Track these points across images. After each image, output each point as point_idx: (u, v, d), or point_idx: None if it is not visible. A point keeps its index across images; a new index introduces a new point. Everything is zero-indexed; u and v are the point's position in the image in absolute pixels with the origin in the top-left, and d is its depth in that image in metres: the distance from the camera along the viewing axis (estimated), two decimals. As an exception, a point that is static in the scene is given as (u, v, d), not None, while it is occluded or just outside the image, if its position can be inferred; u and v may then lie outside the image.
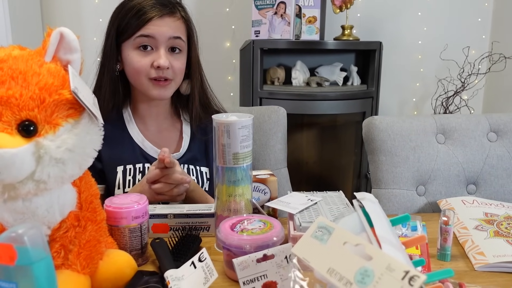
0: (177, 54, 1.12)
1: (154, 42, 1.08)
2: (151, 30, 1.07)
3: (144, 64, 1.08)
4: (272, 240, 0.75)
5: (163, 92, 1.12)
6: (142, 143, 1.16)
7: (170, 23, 1.10)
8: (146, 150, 1.15)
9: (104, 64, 1.14)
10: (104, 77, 1.13)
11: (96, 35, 2.57)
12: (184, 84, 1.19)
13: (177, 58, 1.11)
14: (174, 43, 1.10)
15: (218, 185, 0.89)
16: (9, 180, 0.56)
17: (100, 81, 1.14)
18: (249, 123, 0.86)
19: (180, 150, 1.18)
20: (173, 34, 1.09)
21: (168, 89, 1.12)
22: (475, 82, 2.52)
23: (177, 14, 1.12)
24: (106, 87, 1.13)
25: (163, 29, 1.08)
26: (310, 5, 2.20)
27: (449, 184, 1.26)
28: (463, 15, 2.58)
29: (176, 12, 1.12)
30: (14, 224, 0.61)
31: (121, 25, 1.10)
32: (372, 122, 1.27)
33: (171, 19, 1.10)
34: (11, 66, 0.58)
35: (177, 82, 1.14)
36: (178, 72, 1.12)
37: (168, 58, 1.09)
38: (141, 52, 1.09)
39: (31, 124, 0.58)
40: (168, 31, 1.08)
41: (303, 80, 2.24)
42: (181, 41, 1.11)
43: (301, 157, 2.47)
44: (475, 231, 0.93)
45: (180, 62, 1.12)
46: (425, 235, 0.67)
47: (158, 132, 1.19)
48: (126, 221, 0.80)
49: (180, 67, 1.12)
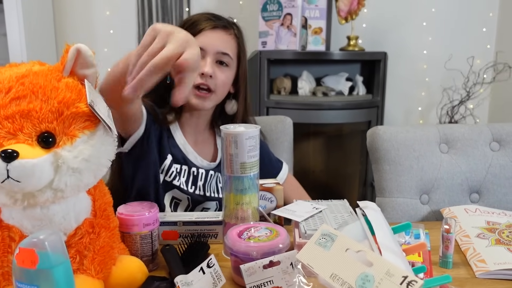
0: (223, 67, 1.13)
1: (203, 53, 1.10)
2: (201, 41, 1.10)
3: None
4: (278, 247, 0.77)
5: (201, 103, 1.13)
6: (184, 146, 1.18)
7: (221, 37, 1.13)
8: (187, 154, 1.17)
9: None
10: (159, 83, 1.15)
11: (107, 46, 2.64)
12: (230, 104, 1.21)
13: (223, 71, 1.13)
14: (222, 57, 1.13)
15: (226, 194, 0.91)
16: (29, 188, 0.60)
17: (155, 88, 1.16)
18: (256, 134, 0.89)
19: (216, 160, 1.22)
20: (222, 49, 1.12)
21: (207, 100, 1.13)
22: (480, 91, 2.54)
23: (230, 31, 1.15)
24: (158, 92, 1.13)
25: (213, 41, 1.11)
26: (316, 16, 2.24)
27: (453, 193, 1.28)
28: (468, 25, 2.61)
29: (229, 28, 1.15)
30: (33, 231, 0.65)
31: None
32: (376, 132, 1.29)
33: (223, 32, 1.13)
34: (32, 81, 0.62)
35: (218, 95, 1.15)
36: (221, 84, 1.13)
37: (214, 68, 1.11)
38: None
39: (50, 136, 0.61)
40: (217, 45, 1.11)
41: (309, 90, 2.27)
42: (229, 57, 1.13)
43: (308, 165, 2.50)
44: (476, 239, 0.95)
45: (224, 75, 1.14)
46: (425, 242, 0.69)
47: (195, 144, 1.21)
48: (138, 228, 0.83)
49: (224, 79, 1.13)
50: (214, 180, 1.21)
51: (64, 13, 2.61)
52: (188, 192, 1.16)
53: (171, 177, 1.13)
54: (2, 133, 0.58)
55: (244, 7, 2.54)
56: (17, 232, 0.65)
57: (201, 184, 1.18)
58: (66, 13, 2.61)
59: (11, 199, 0.60)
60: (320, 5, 2.24)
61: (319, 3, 2.24)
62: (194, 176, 1.18)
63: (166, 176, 1.13)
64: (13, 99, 0.59)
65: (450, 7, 2.59)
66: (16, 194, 0.59)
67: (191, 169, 1.18)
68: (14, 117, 0.59)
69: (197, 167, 1.19)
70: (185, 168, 1.17)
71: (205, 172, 1.19)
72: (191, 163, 1.18)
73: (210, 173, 1.20)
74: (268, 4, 2.16)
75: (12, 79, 0.61)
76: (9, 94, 0.59)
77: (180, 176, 1.15)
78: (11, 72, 0.63)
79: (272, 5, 2.16)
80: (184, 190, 1.15)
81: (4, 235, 0.65)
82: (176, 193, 1.15)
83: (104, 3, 2.58)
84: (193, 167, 1.18)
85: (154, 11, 2.58)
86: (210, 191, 1.20)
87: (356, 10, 2.30)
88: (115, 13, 2.60)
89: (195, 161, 1.19)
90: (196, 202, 1.18)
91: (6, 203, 0.60)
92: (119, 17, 2.60)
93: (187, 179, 1.17)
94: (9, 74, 0.62)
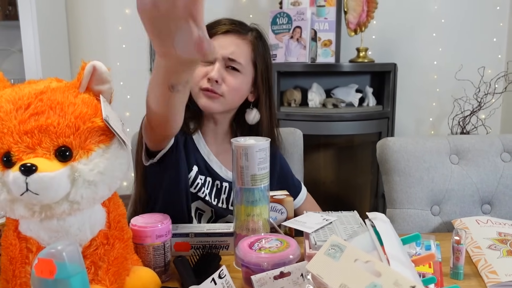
0: (234, 72, 1.11)
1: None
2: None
3: (198, 73, 1.10)
4: (289, 258, 0.78)
5: (209, 104, 1.10)
6: (208, 156, 1.18)
7: (232, 41, 1.11)
8: (211, 164, 1.17)
9: None
10: None
11: (120, 60, 2.68)
12: (252, 113, 1.18)
13: (233, 75, 1.11)
14: (231, 63, 1.10)
15: (237, 205, 0.93)
16: (47, 201, 0.62)
17: None
18: (266, 146, 0.91)
19: None
20: (229, 55, 1.09)
21: (215, 102, 1.11)
22: (492, 102, 2.53)
23: (244, 36, 1.13)
24: None
25: (223, 45, 1.09)
26: (325, 29, 2.26)
27: (464, 204, 1.27)
28: (478, 36, 2.61)
29: (244, 33, 1.13)
30: (50, 242, 0.67)
31: None
32: (386, 143, 1.30)
33: (236, 37, 1.11)
34: (50, 97, 0.64)
35: (228, 100, 1.12)
36: (231, 89, 1.10)
37: (223, 73, 1.09)
38: (202, 64, 1.10)
39: (67, 150, 0.63)
40: (226, 50, 1.09)
41: (319, 102, 2.28)
42: (238, 63, 1.10)
43: (318, 177, 2.50)
44: (488, 250, 0.95)
45: (235, 80, 1.11)
46: (434, 253, 0.69)
47: (218, 153, 1.20)
48: (151, 240, 0.85)
49: (234, 84, 1.10)
50: None
51: (78, 28, 2.67)
52: (212, 204, 1.15)
53: (196, 189, 1.13)
54: (21, 148, 0.61)
55: (254, 20, 2.54)
56: (34, 244, 0.67)
57: (225, 197, 1.18)
58: (80, 28, 2.67)
59: (30, 211, 0.62)
60: (329, 17, 2.27)
61: (328, 16, 2.26)
62: (218, 189, 1.17)
63: (191, 187, 1.13)
64: (32, 114, 0.62)
65: (459, 18, 2.59)
66: (34, 207, 0.62)
67: (215, 181, 1.17)
68: (33, 132, 0.61)
69: (221, 179, 1.18)
70: (209, 179, 1.17)
71: (229, 185, 1.18)
72: (215, 174, 1.17)
73: None
74: (278, 18, 2.19)
75: (31, 96, 0.63)
76: (28, 110, 0.62)
77: (204, 187, 1.15)
78: (30, 88, 0.65)
79: (281, 19, 2.19)
80: (208, 202, 1.15)
81: (22, 246, 0.67)
82: (200, 204, 1.15)
83: (116, 18, 2.64)
84: (217, 180, 1.17)
85: (166, 26, 2.63)
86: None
87: (365, 22, 2.32)
88: (127, 28, 2.65)
89: (220, 171, 1.18)
90: (220, 216, 1.17)
91: (25, 215, 0.62)
92: (131, 32, 2.65)
93: (211, 190, 1.17)
94: (28, 90, 0.64)
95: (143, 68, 2.67)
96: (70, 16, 2.64)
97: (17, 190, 0.59)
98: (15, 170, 0.59)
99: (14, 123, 0.61)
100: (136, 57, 2.66)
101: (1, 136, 0.61)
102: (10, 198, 0.61)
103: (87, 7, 2.64)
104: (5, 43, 2.55)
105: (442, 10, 2.60)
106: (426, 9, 2.60)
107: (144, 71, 2.68)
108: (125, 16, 2.64)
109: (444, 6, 2.59)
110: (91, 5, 2.64)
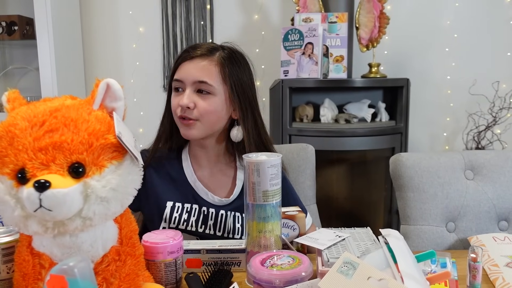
0: (205, 95, 1.11)
1: (183, 85, 1.12)
2: (179, 74, 1.12)
3: (174, 104, 1.13)
4: (301, 275, 0.77)
5: (188, 131, 1.12)
6: (194, 183, 1.17)
7: (197, 66, 1.11)
8: (197, 191, 1.17)
9: (166, 106, 1.20)
10: (165, 118, 1.20)
11: (133, 77, 2.73)
12: (234, 130, 1.17)
13: (205, 99, 1.11)
14: (200, 86, 1.11)
15: (249, 222, 0.92)
16: (60, 217, 0.62)
17: (163, 121, 1.21)
18: (278, 162, 0.91)
19: (230, 196, 1.18)
20: (198, 78, 1.10)
21: (193, 128, 1.12)
22: (507, 116, 2.50)
23: (210, 57, 1.13)
24: (166, 127, 1.19)
25: (189, 72, 1.11)
26: (337, 44, 2.27)
27: (480, 220, 1.25)
28: (492, 50, 2.59)
29: (209, 55, 1.13)
30: (62, 258, 0.67)
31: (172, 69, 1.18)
32: (399, 159, 1.29)
33: (201, 60, 1.12)
34: (64, 114, 0.65)
35: (205, 123, 1.12)
36: (204, 113, 1.11)
37: (194, 98, 1.10)
38: (175, 93, 1.14)
39: (80, 166, 0.64)
40: (192, 75, 1.11)
41: (332, 117, 2.28)
42: (207, 85, 1.10)
43: (331, 193, 2.48)
44: (506, 268, 0.93)
45: (207, 103, 1.11)
46: (449, 271, 0.68)
47: (210, 176, 1.20)
48: (162, 256, 0.85)
49: (206, 108, 1.10)
50: (229, 220, 1.17)
51: (93, 46, 2.72)
52: (197, 233, 1.14)
53: (175, 223, 1.14)
54: (36, 164, 0.62)
55: (266, 37, 2.59)
56: (47, 260, 0.67)
57: (211, 224, 1.16)
58: (95, 46, 2.72)
59: (43, 228, 0.62)
60: (341, 33, 2.27)
61: (340, 32, 2.27)
62: (204, 215, 1.16)
63: (170, 223, 1.14)
64: (46, 131, 0.63)
65: (472, 33, 2.58)
66: (48, 223, 0.62)
67: (202, 208, 1.16)
68: (47, 148, 0.62)
69: (208, 205, 1.17)
70: (196, 206, 1.16)
71: (215, 211, 1.16)
72: (201, 201, 1.16)
73: (221, 212, 1.16)
74: (290, 34, 2.21)
75: (46, 113, 0.64)
76: (43, 127, 0.63)
77: (191, 215, 1.15)
78: (45, 106, 0.66)
79: (293, 35, 2.20)
80: (192, 232, 1.14)
81: (35, 262, 0.68)
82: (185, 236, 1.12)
83: (131, 36, 2.68)
84: (204, 206, 1.16)
85: (178, 43, 2.67)
86: (222, 230, 1.16)
87: (377, 38, 2.33)
88: (141, 45, 2.69)
89: (206, 197, 1.17)
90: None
91: (38, 231, 0.63)
92: (145, 49, 2.69)
93: (198, 217, 1.15)
94: (43, 108, 0.65)
95: (156, 85, 2.71)
96: (85, 35, 2.70)
97: (30, 206, 0.59)
98: (29, 186, 0.59)
99: (29, 140, 0.62)
100: (149, 75, 2.70)
101: (16, 153, 0.62)
102: (24, 214, 0.62)
103: (102, 26, 2.69)
104: (22, 61, 2.61)
105: (455, 25, 2.59)
106: (438, 24, 2.60)
107: (158, 88, 2.71)
108: (139, 34, 2.68)
109: (457, 21, 2.59)
110: (106, 24, 2.69)
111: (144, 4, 2.66)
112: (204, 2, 2.63)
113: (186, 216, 1.14)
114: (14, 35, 2.41)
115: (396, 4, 2.56)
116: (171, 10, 2.64)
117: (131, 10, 2.66)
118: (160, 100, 2.83)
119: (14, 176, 0.62)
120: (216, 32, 2.64)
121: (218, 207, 1.17)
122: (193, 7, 2.64)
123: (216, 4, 2.64)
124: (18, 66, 2.62)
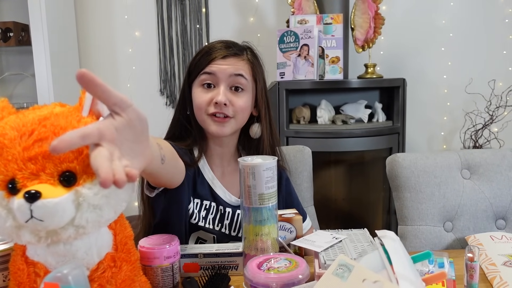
0: (239, 93, 1.12)
1: (216, 80, 1.10)
2: (213, 68, 1.11)
3: (204, 100, 1.11)
4: (298, 278, 0.77)
5: (220, 129, 1.11)
6: (212, 181, 1.18)
7: (232, 63, 1.12)
8: (215, 189, 1.17)
9: (179, 104, 1.19)
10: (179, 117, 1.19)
11: (130, 81, 2.73)
12: (255, 128, 1.19)
13: (240, 96, 1.12)
14: (236, 80, 1.11)
15: (245, 225, 0.92)
16: (52, 226, 0.61)
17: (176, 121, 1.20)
18: (273, 165, 0.90)
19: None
20: (234, 71, 1.10)
21: (226, 126, 1.11)
22: (504, 114, 2.50)
23: (242, 56, 1.14)
24: (181, 126, 1.18)
25: (224, 67, 1.11)
26: (333, 46, 2.27)
27: (477, 219, 1.25)
28: (487, 49, 2.60)
29: (241, 54, 1.14)
30: (57, 266, 0.66)
31: (192, 65, 1.16)
32: (395, 160, 1.29)
33: (235, 59, 1.13)
34: (53, 123, 0.64)
35: (238, 120, 1.13)
36: (239, 110, 1.11)
37: (229, 95, 1.10)
38: (204, 89, 1.12)
39: (71, 175, 0.63)
40: (229, 69, 1.10)
41: (329, 118, 2.28)
42: (243, 78, 1.11)
43: (329, 194, 2.48)
44: (503, 267, 0.93)
45: (242, 100, 1.12)
46: (445, 272, 0.68)
47: (224, 175, 1.21)
48: (159, 261, 0.84)
49: (241, 105, 1.11)
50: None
51: (88, 51, 2.72)
52: (214, 231, 1.15)
53: (196, 219, 1.13)
54: (25, 174, 0.61)
55: (262, 39, 2.59)
56: (42, 268, 0.67)
57: (227, 223, 1.17)
58: (91, 51, 2.72)
59: (35, 237, 0.62)
60: (337, 35, 2.28)
61: (336, 33, 2.28)
62: (221, 214, 1.16)
63: (191, 218, 1.13)
64: (36, 141, 0.62)
65: (467, 32, 2.59)
66: (40, 232, 0.61)
67: (219, 206, 1.17)
68: (37, 158, 0.61)
69: (225, 204, 1.17)
70: (214, 204, 1.16)
71: (232, 211, 1.17)
72: (219, 199, 1.17)
73: (237, 212, 1.17)
74: (285, 36, 2.21)
75: (35, 122, 0.63)
76: (32, 137, 0.62)
77: (209, 213, 1.15)
78: (34, 114, 0.65)
79: (289, 37, 2.20)
80: (210, 230, 1.15)
81: (30, 271, 0.67)
82: (202, 234, 1.15)
83: (126, 41, 2.69)
84: (221, 205, 1.17)
85: (174, 47, 2.67)
86: (237, 231, 1.17)
87: (373, 39, 2.33)
88: (137, 50, 2.69)
89: (224, 196, 1.17)
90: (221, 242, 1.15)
91: (31, 241, 0.62)
92: (141, 54, 2.69)
93: (215, 216, 1.16)
94: (32, 117, 0.65)
95: (153, 90, 2.71)
96: (81, 40, 2.70)
97: (22, 217, 0.59)
98: (19, 197, 0.59)
99: (18, 150, 0.61)
100: (146, 79, 2.70)
101: (5, 164, 0.61)
102: (16, 224, 0.61)
103: (98, 31, 2.70)
104: (18, 67, 2.62)
105: (450, 24, 2.60)
106: (434, 24, 2.61)
107: (154, 92, 2.71)
108: (135, 39, 2.68)
109: (452, 21, 2.60)
110: (101, 29, 2.69)
111: (140, 8, 2.66)
112: (199, 6, 2.63)
113: (204, 214, 1.14)
114: (10, 41, 2.41)
115: (391, 4, 2.57)
116: (167, 14, 2.64)
117: (126, 14, 2.67)
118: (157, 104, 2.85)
119: (4, 186, 0.62)
120: (212, 35, 2.64)
121: (235, 207, 1.18)
122: (189, 11, 2.64)
123: (211, 7, 2.65)
124: (14, 72, 2.62)
